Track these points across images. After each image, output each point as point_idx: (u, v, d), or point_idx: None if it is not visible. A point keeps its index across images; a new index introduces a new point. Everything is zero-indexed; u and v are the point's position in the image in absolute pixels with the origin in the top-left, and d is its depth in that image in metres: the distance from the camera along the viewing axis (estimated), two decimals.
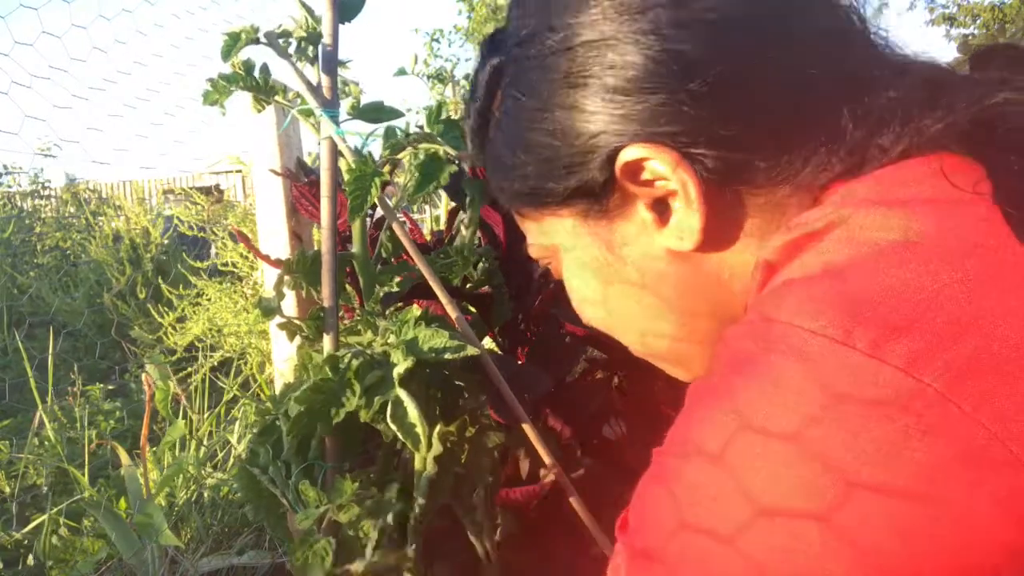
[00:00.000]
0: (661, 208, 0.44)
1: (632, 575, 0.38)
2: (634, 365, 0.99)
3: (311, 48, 0.74)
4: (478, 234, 1.01)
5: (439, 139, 0.67)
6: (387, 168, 0.70)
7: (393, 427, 0.67)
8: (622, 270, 0.48)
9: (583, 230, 0.48)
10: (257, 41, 0.72)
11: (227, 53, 0.71)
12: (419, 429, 0.67)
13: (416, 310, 0.76)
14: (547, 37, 0.44)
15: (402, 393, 0.67)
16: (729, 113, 0.41)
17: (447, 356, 0.69)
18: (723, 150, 0.41)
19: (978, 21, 10.47)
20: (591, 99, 0.42)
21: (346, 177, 0.72)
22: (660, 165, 0.41)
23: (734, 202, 0.43)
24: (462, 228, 0.90)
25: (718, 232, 0.43)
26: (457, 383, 0.82)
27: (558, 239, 0.50)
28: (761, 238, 0.43)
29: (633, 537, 0.40)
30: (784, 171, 0.42)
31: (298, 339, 0.83)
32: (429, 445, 0.71)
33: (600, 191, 0.45)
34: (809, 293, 0.36)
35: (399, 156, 0.70)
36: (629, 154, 0.42)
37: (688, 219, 0.43)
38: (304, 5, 0.73)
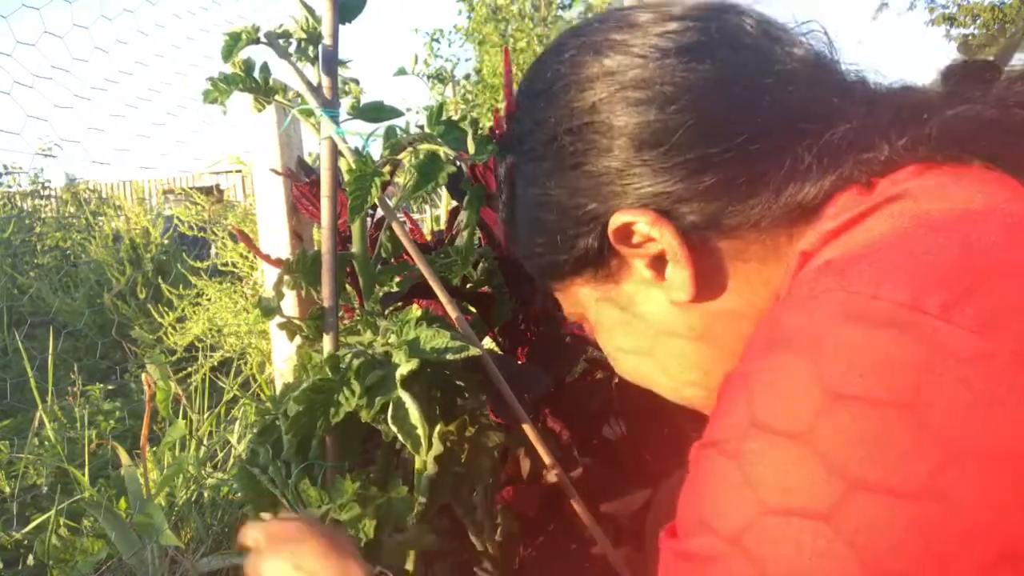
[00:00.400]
0: (659, 265, 0.48)
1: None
2: None
3: (311, 48, 0.74)
4: (478, 234, 1.01)
5: (439, 139, 0.67)
6: (387, 168, 0.70)
7: (394, 428, 0.67)
8: (639, 326, 0.52)
9: (597, 294, 0.53)
10: (258, 41, 0.72)
11: (228, 54, 0.71)
12: (420, 431, 0.67)
13: (416, 310, 0.76)
14: (535, 133, 0.51)
15: (404, 394, 0.67)
16: (702, 168, 0.45)
17: (449, 357, 0.69)
18: (702, 202, 0.45)
19: (978, 21, 10.47)
20: (579, 177, 0.48)
21: (346, 177, 0.72)
22: (644, 227, 0.46)
23: (724, 248, 0.46)
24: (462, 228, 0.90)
25: (712, 279, 0.47)
26: (457, 383, 0.82)
27: (580, 307, 0.56)
28: (761, 275, 0.46)
29: (699, 531, 0.37)
30: (766, 210, 0.45)
31: (298, 339, 0.83)
32: (430, 445, 0.71)
33: (600, 257, 0.50)
34: (866, 263, 0.37)
35: (399, 156, 0.70)
36: (616, 220, 0.47)
37: (678, 274, 0.47)
38: (305, 5, 0.73)
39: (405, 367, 0.67)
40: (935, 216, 0.38)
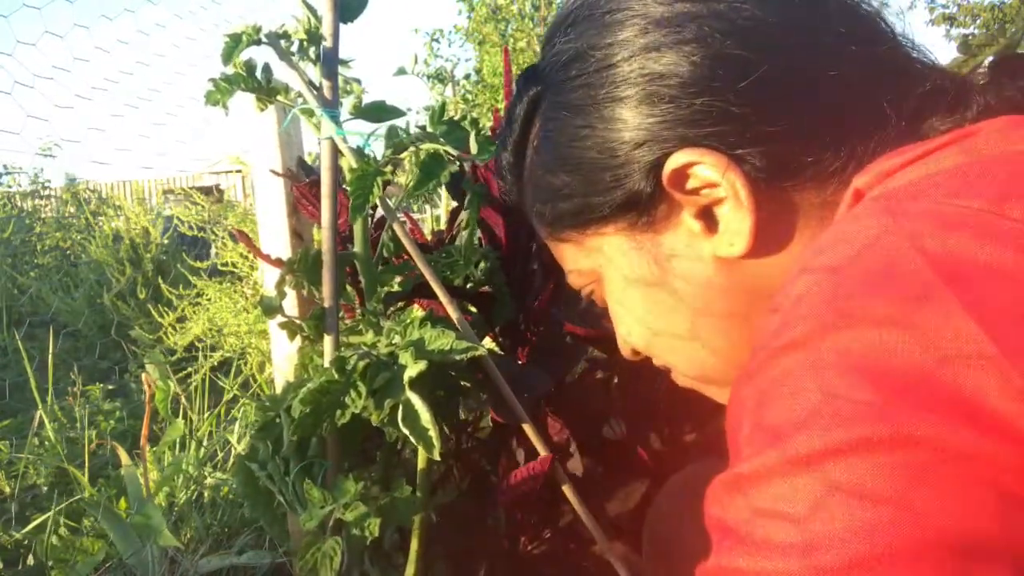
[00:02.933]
0: (707, 216, 0.44)
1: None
2: (634, 365, 1.00)
3: (312, 49, 0.74)
4: (479, 234, 1.01)
5: (441, 139, 0.67)
6: (389, 168, 0.70)
7: (405, 430, 0.67)
8: (670, 284, 0.47)
9: (629, 246, 0.47)
10: (259, 42, 0.72)
11: (228, 55, 0.71)
12: (432, 432, 0.66)
13: (419, 310, 0.76)
14: (589, 56, 0.45)
15: (413, 397, 0.67)
16: (774, 110, 0.41)
17: (456, 357, 0.69)
18: (770, 147, 0.41)
19: (978, 21, 10.47)
20: (634, 110, 0.43)
21: (347, 176, 0.72)
22: (707, 169, 0.41)
23: (783, 201, 0.43)
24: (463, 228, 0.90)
25: (768, 234, 0.43)
26: (463, 383, 0.82)
27: (601, 260, 0.50)
28: (811, 229, 0.43)
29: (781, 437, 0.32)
30: (831, 164, 0.41)
31: (298, 339, 0.83)
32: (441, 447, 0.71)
33: (646, 202, 0.44)
34: (937, 182, 0.34)
35: (401, 156, 0.70)
36: (676, 160, 0.42)
37: (738, 222, 0.42)
38: (307, 5, 0.73)
39: (413, 369, 0.66)
40: (1008, 151, 0.36)
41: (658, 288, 0.47)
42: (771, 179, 0.42)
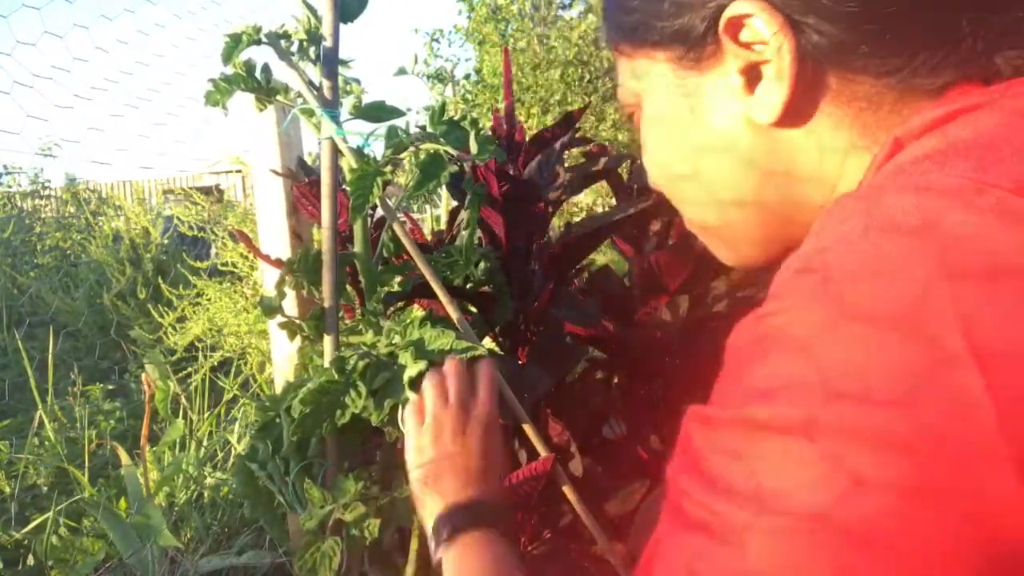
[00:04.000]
0: (752, 75, 0.43)
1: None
2: (634, 365, 1.00)
3: (312, 49, 0.74)
4: (479, 234, 1.01)
5: (441, 139, 0.67)
6: (389, 168, 0.70)
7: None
8: (698, 128, 0.47)
9: (671, 78, 0.47)
10: (259, 42, 0.72)
11: (228, 55, 0.71)
12: None
13: (418, 310, 0.76)
14: None
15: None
16: None
17: (456, 357, 0.69)
18: (834, 25, 0.40)
19: None
20: None
21: (347, 176, 0.72)
22: (763, 25, 0.40)
23: (827, 86, 0.42)
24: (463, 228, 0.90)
25: (802, 112, 0.42)
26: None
27: (645, 83, 0.49)
28: (850, 131, 0.42)
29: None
30: (888, 64, 0.40)
31: (298, 339, 0.83)
32: None
33: (698, 40, 0.44)
34: (969, 152, 0.34)
35: (401, 156, 0.70)
36: (736, 8, 0.41)
37: (774, 91, 0.42)
38: (307, 5, 0.73)
39: (413, 369, 0.66)
40: None
41: (685, 128, 0.48)
42: (824, 60, 0.41)
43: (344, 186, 0.76)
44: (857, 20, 0.40)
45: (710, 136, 0.46)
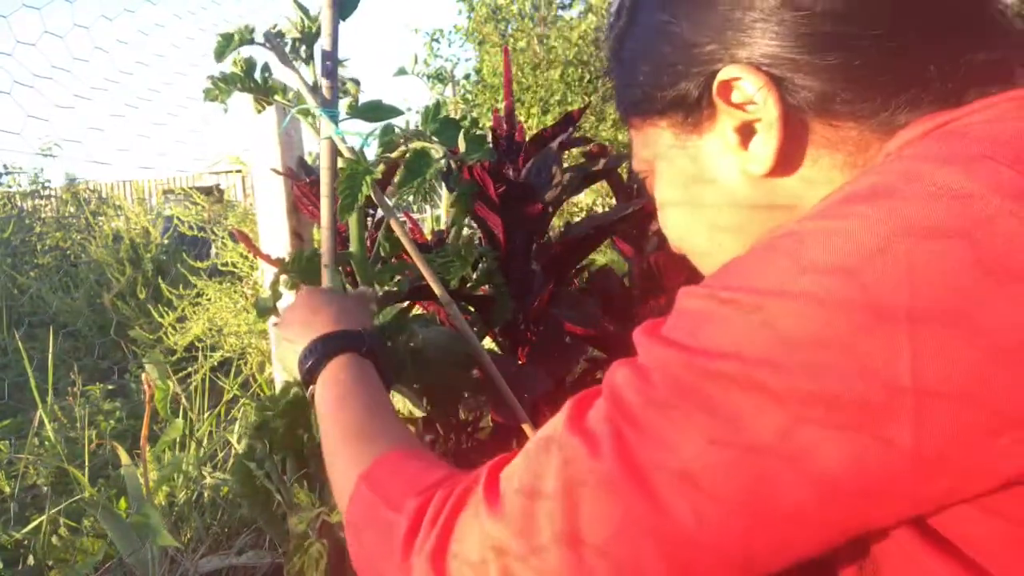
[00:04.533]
0: (746, 132, 0.47)
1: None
2: None
3: (304, 48, 0.74)
4: (478, 234, 1.01)
5: (432, 137, 0.67)
6: (381, 167, 0.70)
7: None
8: (703, 187, 0.51)
9: (675, 143, 0.51)
10: (252, 42, 0.72)
11: (220, 54, 0.71)
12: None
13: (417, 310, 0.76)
14: None
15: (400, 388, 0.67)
16: (834, 44, 0.43)
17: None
18: (814, 79, 0.43)
19: None
20: (711, 14, 0.46)
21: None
22: (750, 87, 0.44)
23: (815, 134, 0.45)
24: (462, 227, 0.90)
25: (794, 161, 0.46)
26: (457, 383, 0.82)
27: (654, 151, 0.54)
28: (843, 173, 0.45)
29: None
30: (868, 109, 0.43)
31: None
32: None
33: (694, 104, 0.48)
34: (968, 135, 0.37)
35: (393, 155, 0.70)
36: (725, 72, 0.45)
37: (765, 144, 0.45)
38: (299, 5, 0.73)
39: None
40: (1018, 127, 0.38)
41: (693, 188, 0.52)
42: (807, 110, 0.44)
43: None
44: (833, 72, 0.43)
45: (714, 190, 0.50)
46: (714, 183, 0.50)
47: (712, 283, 0.39)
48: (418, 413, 0.71)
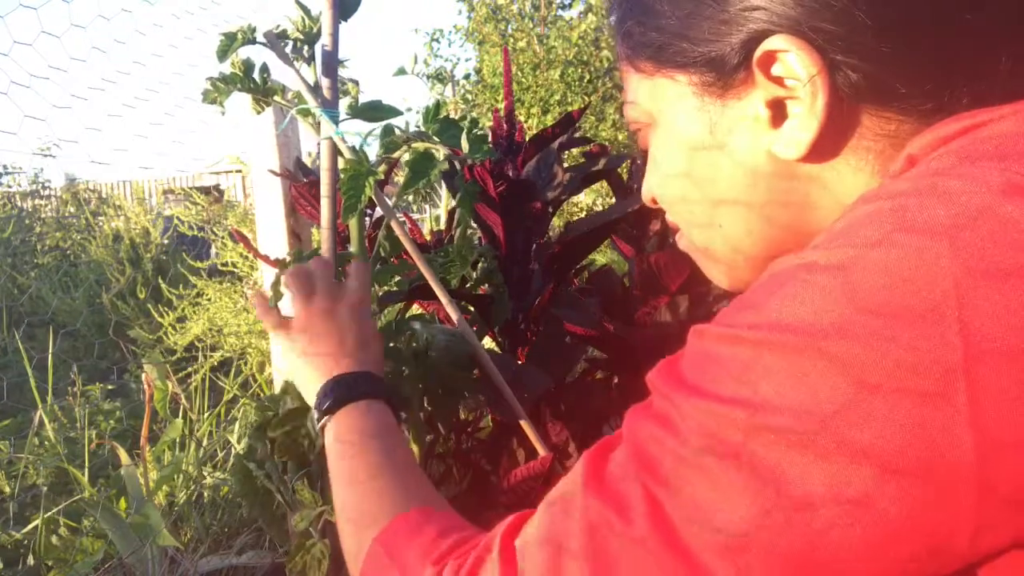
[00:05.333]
0: (778, 108, 0.42)
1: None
2: (634, 365, 1.00)
3: (306, 48, 0.74)
4: (478, 234, 1.00)
5: (433, 137, 0.67)
6: (382, 168, 0.70)
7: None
8: (716, 156, 0.46)
9: (693, 103, 0.46)
10: (254, 41, 0.72)
11: (223, 54, 0.71)
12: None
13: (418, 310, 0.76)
14: None
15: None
16: (893, 29, 0.38)
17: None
18: (872, 66, 0.39)
19: None
20: None
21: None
22: (799, 64, 0.40)
23: (856, 123, 0.41)
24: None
25: (828, 150, 0.41)
26: (456, 385, 0.82)
27: (663, 104, 0.48)
28: (872, 165, 0.41)
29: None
30: (923, 103, 0.39)
31: None
32: (422, 445, 0.71)
33: (730, 68, 0.43)
34: (997, 151, 0.34)
35: (395, 155, 0.70)
36: (774, 42, 0.40)
37: (803, 129, 0.41)
38: (300, 5, 0.73)
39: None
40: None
41: (704, 155, 0.46)
42: (856, 98, 0.40)
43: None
44: (899, 58, 0.39)
45: (729, 165, 0.45)
46: (730, 156, 0.45)
47: (735, 321, 0.35)
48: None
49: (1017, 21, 0.39)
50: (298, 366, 0.67)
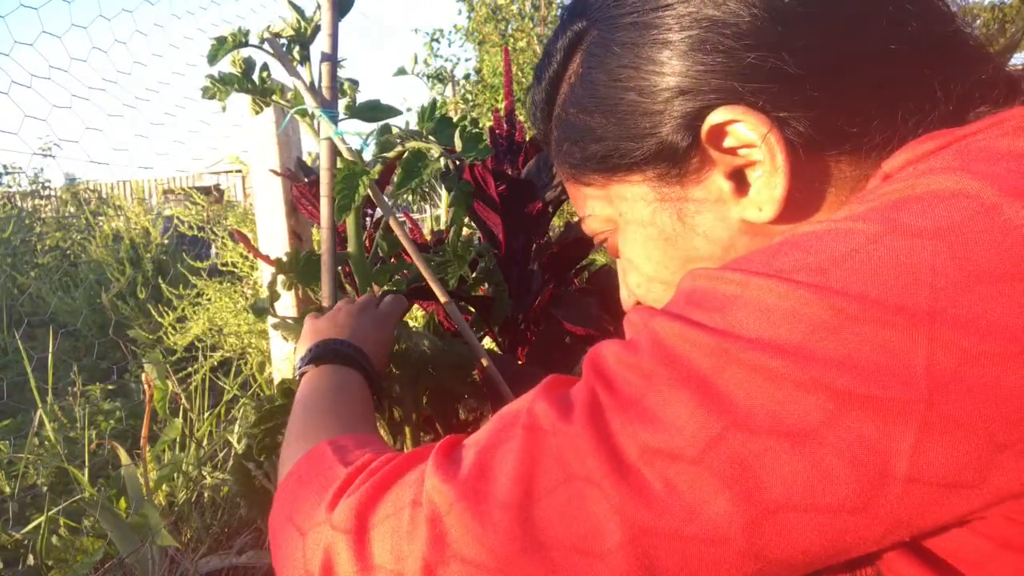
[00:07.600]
0: (739, 178, 0.43)
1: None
2: None
3: (298, 48, 0.74)
4: (478, 233, 1.00)
5: (428, 136, 0.67)
6: (378, 167, 0.70)
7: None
8: (690, 240, 0.46)
9: (654, 196, 0.46)
10: (246, 44, 0.72)
11: (213, 57, 0.71)
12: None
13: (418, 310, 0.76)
14: None
15: None
16: (826, 75, 0.39)
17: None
18: (816, 113, 0.40)
19: (978, 21, 10.46)
20: (684, 55, 0.41)
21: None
22: (748, 130, 0.40)
23: (819, 170, 0.41)
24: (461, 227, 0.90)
25: (798, 202, 0.42)
26: (451, 386, 0.82)
27: (623, 208, 0.48)
28: (838, 202, 0.42)
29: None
30: (874, 138, 0.40)
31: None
32: (416, 442, 0.71)
33: (680, 154, 0.43)
34: (971, 154, 0.35)
35: (390, 154, 0.70)
36: (717, 116, 0.40)
37: (770, 188, 0.41)
38: (294, 6, 0.73)
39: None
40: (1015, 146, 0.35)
41: (677, 243, 0.46)
42: (811, 146, 0.40)
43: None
44: (839, 101, 0.40)
45: (704, 245, 0.45)
46: (704, 236, 0.45)
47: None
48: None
49: (942, 45, 0.41)
50: (304, 338, 0.71)
